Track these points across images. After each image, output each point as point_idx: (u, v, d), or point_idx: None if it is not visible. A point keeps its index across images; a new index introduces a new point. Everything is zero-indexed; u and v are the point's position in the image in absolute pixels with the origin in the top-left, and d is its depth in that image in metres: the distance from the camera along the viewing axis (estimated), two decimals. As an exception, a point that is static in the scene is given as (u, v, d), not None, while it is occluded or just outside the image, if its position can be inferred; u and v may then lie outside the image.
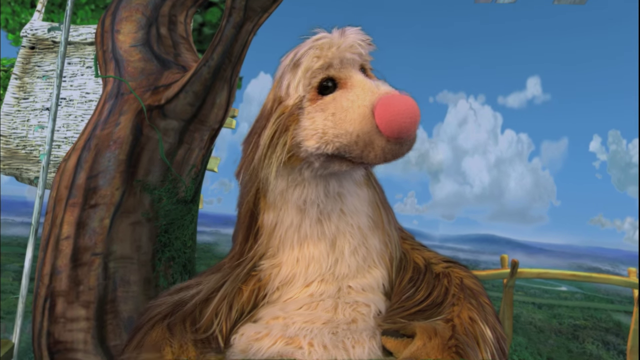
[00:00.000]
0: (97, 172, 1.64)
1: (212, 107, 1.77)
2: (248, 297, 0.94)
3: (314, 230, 0.92)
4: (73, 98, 2.43)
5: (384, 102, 0.78)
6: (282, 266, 0.94)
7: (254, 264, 0.97)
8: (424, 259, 0.99)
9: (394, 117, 0.76)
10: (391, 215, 1.03)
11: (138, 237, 1.66)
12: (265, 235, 0.97)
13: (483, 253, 34.93)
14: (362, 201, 0.97)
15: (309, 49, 0.90)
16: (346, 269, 0.92)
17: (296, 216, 0.93)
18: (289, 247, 0.94)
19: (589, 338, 8.01)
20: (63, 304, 1.55)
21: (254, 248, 0.97)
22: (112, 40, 1.88)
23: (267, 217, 0.96)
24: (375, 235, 0.97)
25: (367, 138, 0.79)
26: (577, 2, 2.57)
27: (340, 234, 0.93)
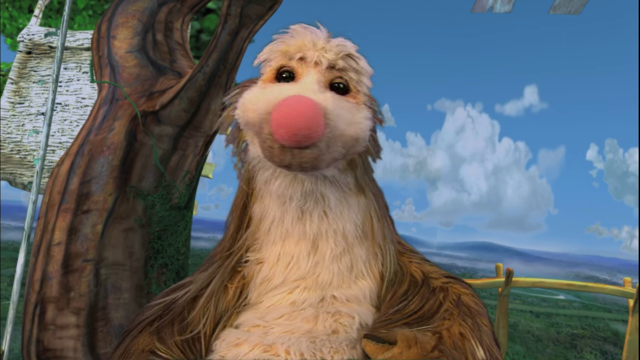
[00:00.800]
0: (90, 177, 1.63)
1: (206, 113, 1.77)
2: (233, 295, 0.94)
3: (295, 228, 0.92)
4: (69, 103, 2.43)
5: (278, 106, 0.76)
6: (264, 262, 0.94)
7: (241, 256, 0.97)
8: (423, 273, 0.95)
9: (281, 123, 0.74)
10: (388, 227, 0.99)
11: (130, 244, 1.65)
12: (253, 227, 0.97)
13: (480, 261, 34.88)
14: (350, 208, 0.94)
15: (286, 33, 0.93)
16: (329, 276, 0.90)
17: (278, 210, 0.93)
18: (272, 242, 0.94)
19: (587, 347, 7.98)
20: (53, 310, 1.53)
21: (243, 238, 0.97)
22: (107, 46, 1.88)
23: (255, 208, 0.97)
24: (362, 245, 0.95)
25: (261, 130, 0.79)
26: (573, 12, 2.59)
27: (322, 236, 0.91)
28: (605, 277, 27.88)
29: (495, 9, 2.65)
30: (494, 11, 2.68)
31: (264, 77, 0.94)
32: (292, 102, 0.75)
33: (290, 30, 0.93)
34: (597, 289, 2.77)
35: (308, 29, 0.92)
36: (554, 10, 2.59)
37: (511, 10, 2.69)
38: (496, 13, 2.68)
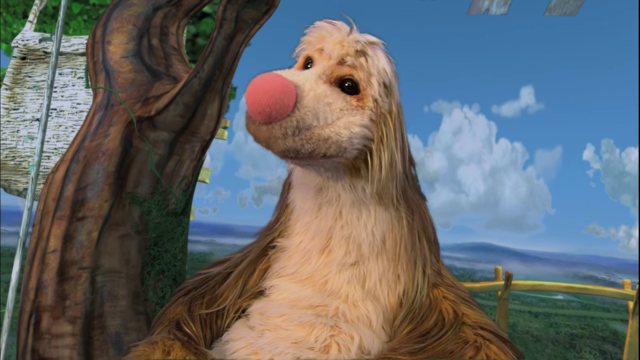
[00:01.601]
0: (86, 184, 1.61)
1: (203, 118, 1.76)
2: (257, 276, 0.95)
3: (313, 223, 0.91)
4: (64, 109, 2.42)
5: (257, 77, 0.76)
6: (285, 251, 0.94)
7: (273, 239, 0.98)
8: (455, 314, 0.81)
9: (249, 94, 0.75)
10: (422, 252, 0.89)
11: (127, 251, 1.63)
12: (287, 214, 0.99)
13: (479, 262, 34.93)
14: (369, 217, 0.88)
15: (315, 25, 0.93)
16: (338, 284, 0.86)
17: (301, 200, 0.94)
18: (296, 233, 0.95)
19: (586, 347, 7.99)
20: (48, 319, 1.52)
21: (279, 224, 0.99)
22: (102, 51, 1.86)
23: (290, 196, 0.99)
24: (380, 261, 0.88)
25: None
26: (568, 14, 2.60)
27: (334, 238, 0.88)
28: (604, 277, 27.95)
29: (491, 11, 2.66)
30: (489, 13, 2.69)
31: (297, 64, 0.97)
32: (267, 77, 0.75)
33: (319, 24, 0.93)
34: (597, 292, 2.77)
35: (335, 23, 0.92)
36: (550, 12, 2.60)
37: (507, 12, 2.70)
38: (492, 15, 2.68)
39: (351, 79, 0.87)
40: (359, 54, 0.86)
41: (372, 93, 0.86)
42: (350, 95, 0.86)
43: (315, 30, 0.92)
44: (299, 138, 0.78)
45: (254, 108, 0.74)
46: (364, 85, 0.86)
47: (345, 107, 0.84)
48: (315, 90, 0.80)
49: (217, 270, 0.97)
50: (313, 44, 0.92)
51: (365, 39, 0.89)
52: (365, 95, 0.86)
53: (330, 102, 0.81)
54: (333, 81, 0.86)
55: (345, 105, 0.84)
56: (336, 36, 0.88)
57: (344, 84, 0.86)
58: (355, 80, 0.86)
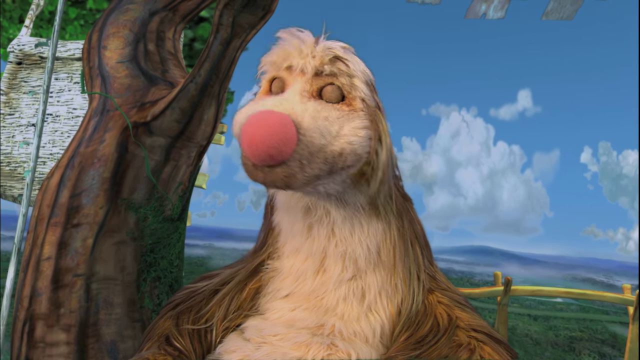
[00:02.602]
0: (81, 190, 1.60)
1: (199, 123, 1.75)
2: (247, 295, 0.93)
3: (304, 244, 0.88)
4: (60, 114, 2.40)
5: (246, 122, 0.72)
6: (278, 273, 0.92)
7: (263, 260, 0.96)
8: (449, 319, 0.82)
9: (248, 145, 0.70)
10: (417, 259, 0.88)
11: (122, 257, 1.61)
12: (274, 236, 0.97)
13: (478, 265, 34.92)
14: (362, 230, 0.86)
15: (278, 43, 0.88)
16: (333, 301, 0.84)
17: (288, 223, 0.91)
18: (287, 255, 0.92)
19: (586, 350, 7.98)
20: (43, 327, 1.50)
21: (266, 246, 0.97)
22: (98, 57, 1.85)
23: (274, 219, 0.96)
24: (378, 273, 0.85)
25: (241, 150, 0.76)
26: (565, 18, 2.60)
27: (328, 257, 0.85)
28: (602, 279, 27.97)
29: (488, 16, 2.66)
30: (487, 17, 2.69)
31: (259, 91, 0.91)
32: (258, 119, 0.70)
33: (279, 39, 0.88)
34: (596, 297, 2.76)
35: (295, 35, 0.87)
36: (547, 16, 2.60)
37: (504, 16, 2.70)
38: (489, 19, 2.69)
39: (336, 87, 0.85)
40: (334, 60, 0.84)
41: (358, 94, 0.85)
42: (336, 103, 0.84)
43: (278, 49, 0.87)
44: (315, 164, 0.74)
45: (259, 155, 0.70)
46: (348, 89, 0.84)
47: (341, 115, 0.81)
48: (307, 110, 0.76)
49: (204, 285, 0.95)
50: (278, 63, 0.87)
51: (336, 44, 0.87)
52: (352, 98, 0.84)
53: (327, 116, 0.79)
54: (315, 95, 0.83)
55: (340, 114, 0.81)
56: (304, 49, 0.84)
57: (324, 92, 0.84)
58: (338, 87, 0.84)
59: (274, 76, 0.89)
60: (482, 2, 2.69)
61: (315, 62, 0.83)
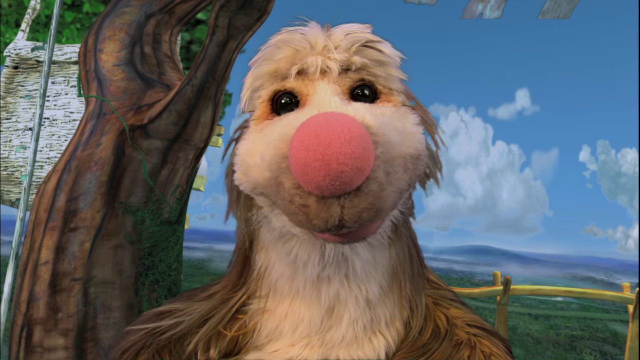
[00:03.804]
0: (78, 194, 1.59)
1: (196, 126, 1.74)
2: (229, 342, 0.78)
3: (308, 292, 0.72)
4: (57, 118, 2.39)
5: (296, 139, 0.51)
6: (270, 315, 0.76)
7: (243, 302, 0.80)
8: (448, 320, 0.76)
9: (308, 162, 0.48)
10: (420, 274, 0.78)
11: (120, 261, 1.61)
12: (257, 274, 0.80)
13: (478, 264, 34.84)
14: (378, 267, 0.72)
15: (266, 47, 0.68)
16: (339, 337, 0.74)
17: (287, 269, 0.73)
18: (280, 297, 0.75)
19: (587, 349, 7.98)
20: (40, 332, 1.49)
21: (246, 284, 0.80)
22: (94, 60, 1.85)
23: (259, 258, 0.78)
24: (388, 301, 0.75)
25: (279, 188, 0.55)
26: (561, 17, 2.60)
27: (340, 302, 0.72)
28: (602, 278, 27.97)
29: (485, 15, 2.66)
30: (483, 17, 2.69)
31: (256, 116, 0.69)
32: (315, 127, 0.50)
33: (273, 42, 0.68)
34: (596, 295, 2.76)
35: (297, 30, 0.68)
36: (543, 15, 2.60)
37: (501, 15, 2.70)
38: (486, 19, 2.69)
39: (364, 83, 0.67)
40: (362, 47, 0.66)
41: (398, 86, 0.69)
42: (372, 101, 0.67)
43: (277, 51, 0.67)
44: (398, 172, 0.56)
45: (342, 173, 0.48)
46: (383, 83, 0.67)
47: (394, 112, 0.64)
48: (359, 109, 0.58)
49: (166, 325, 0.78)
50: (281, 71, 0.67)
51: (354, 26, 0.68)
52: (390, 93, 0.68)
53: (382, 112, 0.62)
54: (348, 97, 0.66)
55: (390, 110, 0.65)
56: (319, 40, 0.66)
57: (357, 95, 0.66)
58: (371, 82, 0.67)
59: (277, 91, 0.67)
60: (478, 2, 2.69)
61: (338, 54, 0.65)
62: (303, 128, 0.51)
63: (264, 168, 0.57)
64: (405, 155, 0.58)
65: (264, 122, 0.67)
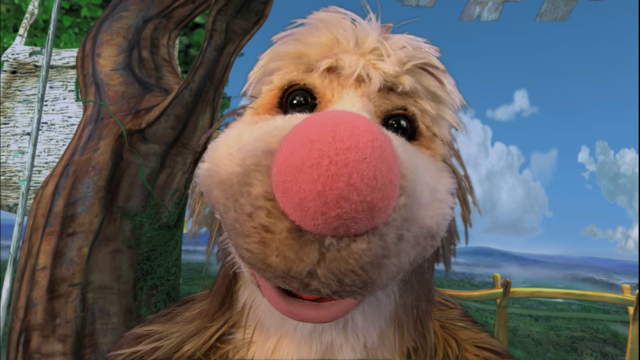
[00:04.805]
0: (76, 199, 1.59)
1: (194, 129, 1.74)
2: None
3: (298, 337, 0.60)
4: (55, 122, 2.39)
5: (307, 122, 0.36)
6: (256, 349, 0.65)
7: (225, 331, 0.70)
8: (458, 344, 0.67)
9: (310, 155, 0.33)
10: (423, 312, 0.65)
11: (118, 266, 1.60)
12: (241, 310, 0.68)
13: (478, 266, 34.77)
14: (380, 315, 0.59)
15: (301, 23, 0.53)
16: None
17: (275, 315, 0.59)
18: (266, 332, 0.63)
19: (587, 350, 7.95)
20: (38, 338, 1.48)
21: (227, 314, 0.70)
22: (92, 64, 1.85)
23: (243, 294, 0.65)
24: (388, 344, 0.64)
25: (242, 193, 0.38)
26: (559, 19, 2.61)
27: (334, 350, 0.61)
28: (602, 278, 27.92)
29: (483, 17, 2.67)
30: (481, 19, 2.69)
31: (257, 104, 0.53)
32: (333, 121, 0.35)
33: (313, 19, 0.52)
34: (596, 297, 2.76)
35: (348, 15, 0.52)
36: (541, 17, 2.60)
37: (498, 18, 2.71)
38: (484, 21, 2.69)
39: (404, 113, 0.51)
40: (420, 70, 0.51)
41: (444, 135, 0.54)
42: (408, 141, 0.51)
43: (310, 33, 0.51)
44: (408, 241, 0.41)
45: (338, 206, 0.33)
46: (429, 123, 0.52)
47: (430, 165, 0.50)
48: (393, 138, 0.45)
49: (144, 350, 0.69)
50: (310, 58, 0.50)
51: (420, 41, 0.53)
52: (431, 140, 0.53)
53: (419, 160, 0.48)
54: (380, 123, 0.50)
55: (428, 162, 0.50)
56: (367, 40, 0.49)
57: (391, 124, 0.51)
58: (414, 115, 0.51)
59: (293, 82, 0.51)
60: (476, 4, 2.70)
61: (388, 66, 0.49)
62: (314, 117, 0.36)
63: (236, 160, 0.40)
64: (424, 226, 0.43)
65: (263, 116, 0.51)
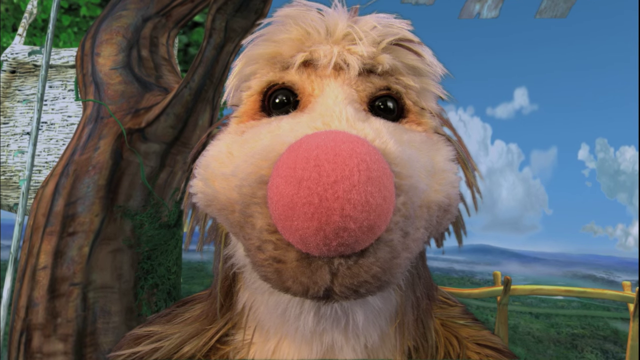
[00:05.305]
0: (76, 198, 1.59)
1: (194, 128, 1.74)
2: None
3: (299, 338, 0.59)
4: (54, 122, 2.39)
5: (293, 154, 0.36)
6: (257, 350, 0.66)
7: (225, 332, 0.70)
8: (459, 342, 0.68)
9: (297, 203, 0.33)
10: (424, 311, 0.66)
11: (119, 265, 1.60)
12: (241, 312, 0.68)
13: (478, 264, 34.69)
14: (381, 315, 0.58)
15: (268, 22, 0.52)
16: None
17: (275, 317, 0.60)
18: (267, 334, 0.63)
19: (588, 347, 7.96)
20: (40, 338, 1.48)
21: (227, 316, 0.70)
22: (92, 64, 1.85)
23: (242, 296, 0.64)
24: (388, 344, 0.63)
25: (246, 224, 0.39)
26: (559, 16, 2.60)
27: (334, 350, 0.60)
28: (602, 276, 27.91)
29: (482, 15, 2.66)
30: (481, 17, 2.69)
31: (239, 112, 0.53)
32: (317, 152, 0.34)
33: (279, 15, 0.51)
34: (597, 294, 2.76)
35: (313, 5, 0.52)
36: (540, 14, 2.60)
37: (498, 15, 2.70)
38: (483, 19, 2.69)
39: (388, 93, 0.51)
40: (397, 47, 0.50)
41: (433, 107, 0.54)
42: (396, 121, 0.51)
43: (281, 30, 0.50)
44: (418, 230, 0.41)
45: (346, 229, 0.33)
46: (414, 98, 0.52)
47: (423, 142, 0.50)
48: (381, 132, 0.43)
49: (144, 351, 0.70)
50: (284, 56, 0.50)
51: (391, 19, 0.52)
52: (421, 114, 0.52)
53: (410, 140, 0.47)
54: (366, 108, 0.50)
55: (420, 137, 0.50)
56: (338, 27, 0.48)
57: (377, 106, 0.51)
58: (398, 93, 0.51)
59: (272, 83, 0.51)
60: (475, 1, 2.69)
61: (363, 49, 0.48)
62: (298, 148, 0.35)
63: (232, 187, 0.41)
64: (432, 204, 0.43)
65: (247, 123, 0.51)
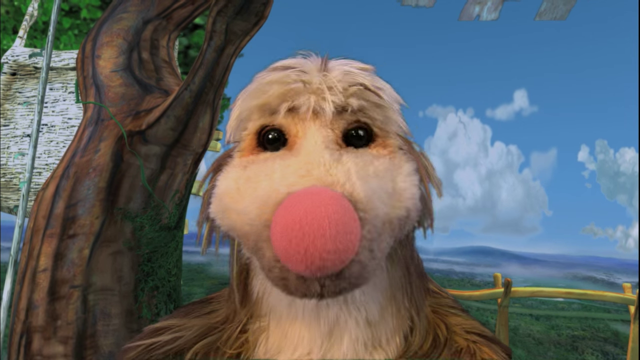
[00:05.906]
0: (76, 200, 1.59)
1: (194, 131, 1.74)
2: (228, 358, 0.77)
3: (307, 317, 0.70)
4: (55, 124, 2.39)
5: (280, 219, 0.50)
6: (270, 334, 0.76)
7: (244, 324, 0.79)
8: (447, 328, 0.76)
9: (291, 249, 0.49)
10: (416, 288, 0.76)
11: (119, 267, 1.60)
12: (256, 300, 0.78)
13: (478, 265, 34.73)
14: (376, 289, 0.70)
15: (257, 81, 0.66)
16: (340, 355, 0.72)
17: (284, 297, 0.70)
18: (278, 318, 0.74)
19: (588, 349, 7.95)
20: (40, 340, 1.48)
21: (246, 308, 0.79)
22: (92, 66, 1.85)
23: (256, 283, 0.76)
24: (387, 318, 0.74)
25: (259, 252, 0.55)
26: (558, 18, 2.61)
27: (340, 324, 0.71)
28: (603, 277, 27.90)
29: (482, 17, 2.67)
30: (480, 19, 2.70)
31: (241, 148, 0.68)
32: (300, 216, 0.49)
33: (267, 72, 0.66)
34: (597, 296, 2.76)
35: (292, 63, 0.66)
36: (540, 16, 2.61)
37: (498, 17, 2.71)
38: (483, 21, 2.70)
39: (359, 125, 0.65)
40: (361, 90, 0.64)
41: (393, 129, 0.67)
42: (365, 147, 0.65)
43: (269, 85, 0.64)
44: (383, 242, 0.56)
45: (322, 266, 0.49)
46: (381, 125, 0.66)
47: (387, 163, 0.63)
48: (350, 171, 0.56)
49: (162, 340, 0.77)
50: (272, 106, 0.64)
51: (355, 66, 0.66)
52: (386, 137, 0.66)
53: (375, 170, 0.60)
54: (341, 142, 0.64)
55: (384, 162, 0.62)
56: (314, 79, 0.63)
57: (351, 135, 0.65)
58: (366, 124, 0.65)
59: (264, 125, 0.66)
60: (475, 4, 2.70)
61: (334, 96, 0.62)
62: (287, 210, 0.50)
63: (245, 222, 0.57)
64: (393, 219, 0.58)
65: (248, 157, 0.66)
